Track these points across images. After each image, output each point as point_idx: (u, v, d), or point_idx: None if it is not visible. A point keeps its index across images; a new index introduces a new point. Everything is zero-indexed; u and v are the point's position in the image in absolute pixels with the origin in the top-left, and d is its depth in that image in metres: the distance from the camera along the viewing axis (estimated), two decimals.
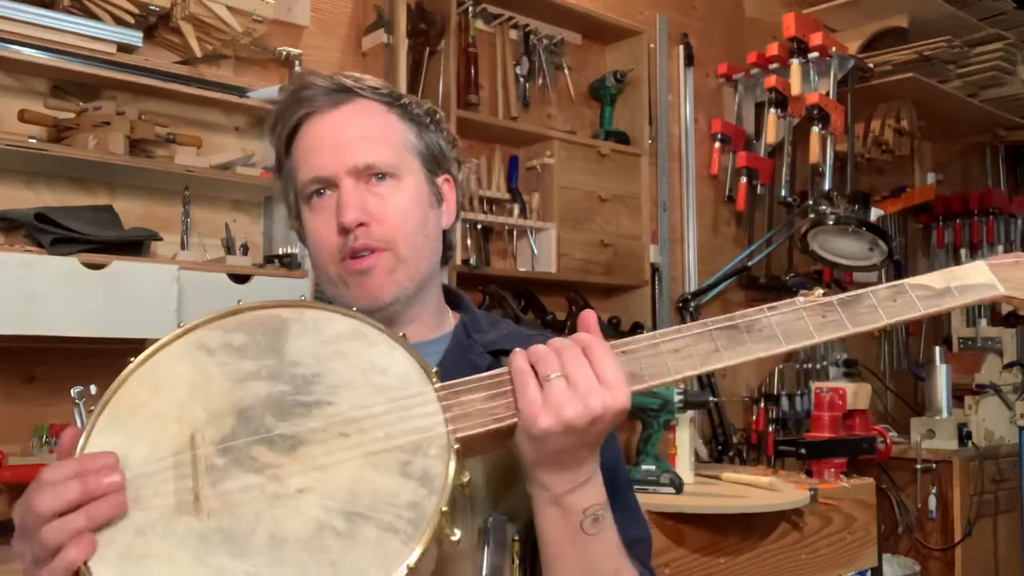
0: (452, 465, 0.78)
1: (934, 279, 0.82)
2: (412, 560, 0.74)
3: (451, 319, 1.15)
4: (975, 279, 0.82)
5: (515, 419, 0.82)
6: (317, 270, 1.08)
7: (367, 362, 0.84)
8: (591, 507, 0.87)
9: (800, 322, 0.83)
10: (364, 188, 1.03)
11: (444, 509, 0.76)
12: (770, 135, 3.41)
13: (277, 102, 1.11)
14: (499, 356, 1.07)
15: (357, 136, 1.04)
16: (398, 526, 0.76)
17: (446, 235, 1.13)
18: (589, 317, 0.87)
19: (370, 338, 0.85)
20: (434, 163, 1.10)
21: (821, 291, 0.84)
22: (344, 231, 1.01)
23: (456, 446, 0.79)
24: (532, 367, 0.83)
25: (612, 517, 0.90)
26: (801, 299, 0.83)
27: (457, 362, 1.05)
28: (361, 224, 1.01)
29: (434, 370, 0.83)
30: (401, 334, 0.86)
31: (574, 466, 0.84)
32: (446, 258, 1.14)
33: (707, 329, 0.83)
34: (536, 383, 0.81)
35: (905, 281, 0.82)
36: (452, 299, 1.17)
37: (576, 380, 0.81)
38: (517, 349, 0.84)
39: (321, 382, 0.82)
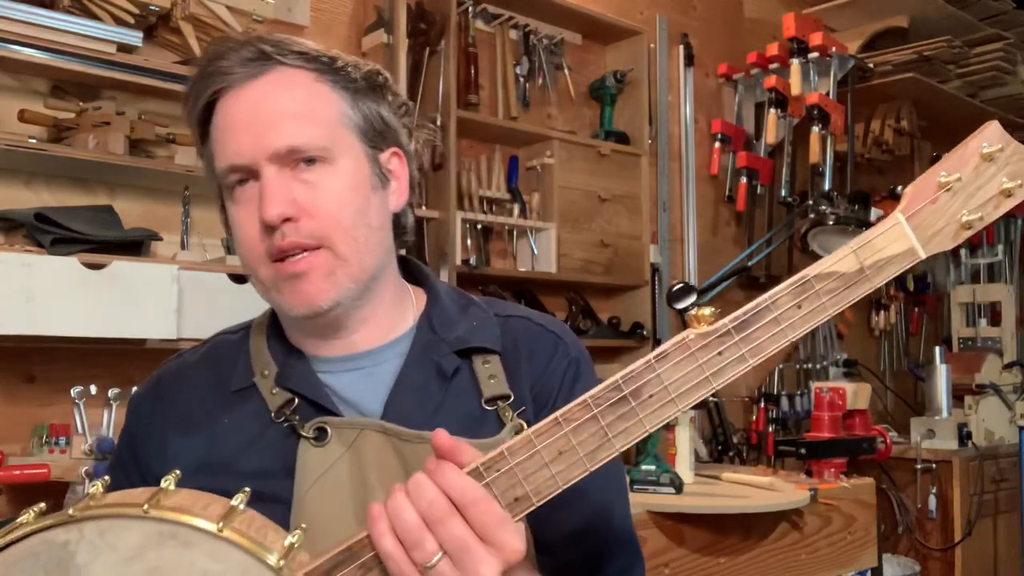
0: None
1: (845, 261, 0.68)
2: None
3: (413, 308, 1.00)
4: (892, 249, 0.68)
5: None
6: (248, 272, 0.93)
7: (194, 571, 0.67)
8: None
9: (694, 370, 0.69)
10: (290, 175, 0.88)
11: None
12: (770, 135, 3.41)
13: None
14: (470, 356, 0.95)
15: (278, 113, 0.88)
16: None
17: (399, 217, 0.98)
18: (445, 443, 0.72)
19: (183, 538, 0.67)
20: (376, 137, 0.94)
21: (710, 311, 0.70)
22: (269, 229, 0.87)
23: None
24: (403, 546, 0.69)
25: None
26: (691, 334, 0.70)
27: (419, 369, 0.94)
28: (288, 220, 0.87)
29: (289, 543, 0.69)
30: (234, 504, 0.69)
31: None
32: (402, 242, 1.00)
33: (592, 413, 0.70)
34: (414, 568, 0.68)
35: (812, 273, 0.69)
36: (415, 276, 1.03)
37: (460, 557, 0.68)
38: (378, 522, 0.70)
39: None
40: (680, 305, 2.30)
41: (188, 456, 0.92)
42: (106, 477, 0.70)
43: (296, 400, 0.92)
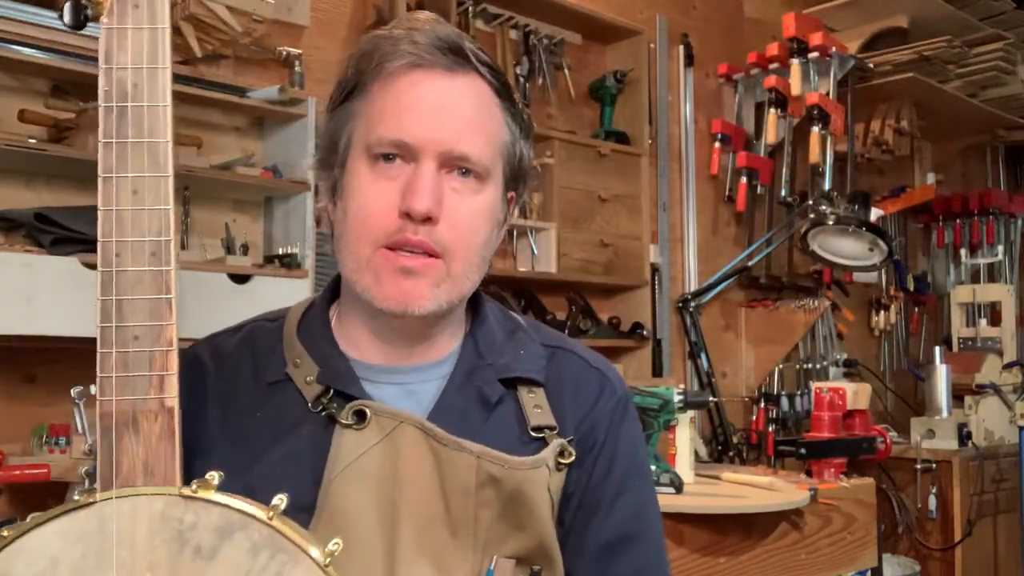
0: None
1: None
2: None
3: (462, 329, 0.98)
4: None
5: None
6: (344, 245, 0.89)
7: None
8: None
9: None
10: (444, 179, 0.87)
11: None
12: (770, 135, 3.41)
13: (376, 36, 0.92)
14: (515, 386, 0.94)
15: (466, 118, 0.87)
16: None
17: None
18: None
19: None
20: (513, 177, 0.95)
21: None
22: (407, 216, 0.84)
23: None
24: None
25: None
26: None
27: (462, 394, 0.92)
28: (429, 219, 0.85)
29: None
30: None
31: None
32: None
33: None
34: None
35: None
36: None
37: None
38: None
39: None
40: None
41: (218, 444, 0.90)
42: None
43: (332, 391, 0.90)
